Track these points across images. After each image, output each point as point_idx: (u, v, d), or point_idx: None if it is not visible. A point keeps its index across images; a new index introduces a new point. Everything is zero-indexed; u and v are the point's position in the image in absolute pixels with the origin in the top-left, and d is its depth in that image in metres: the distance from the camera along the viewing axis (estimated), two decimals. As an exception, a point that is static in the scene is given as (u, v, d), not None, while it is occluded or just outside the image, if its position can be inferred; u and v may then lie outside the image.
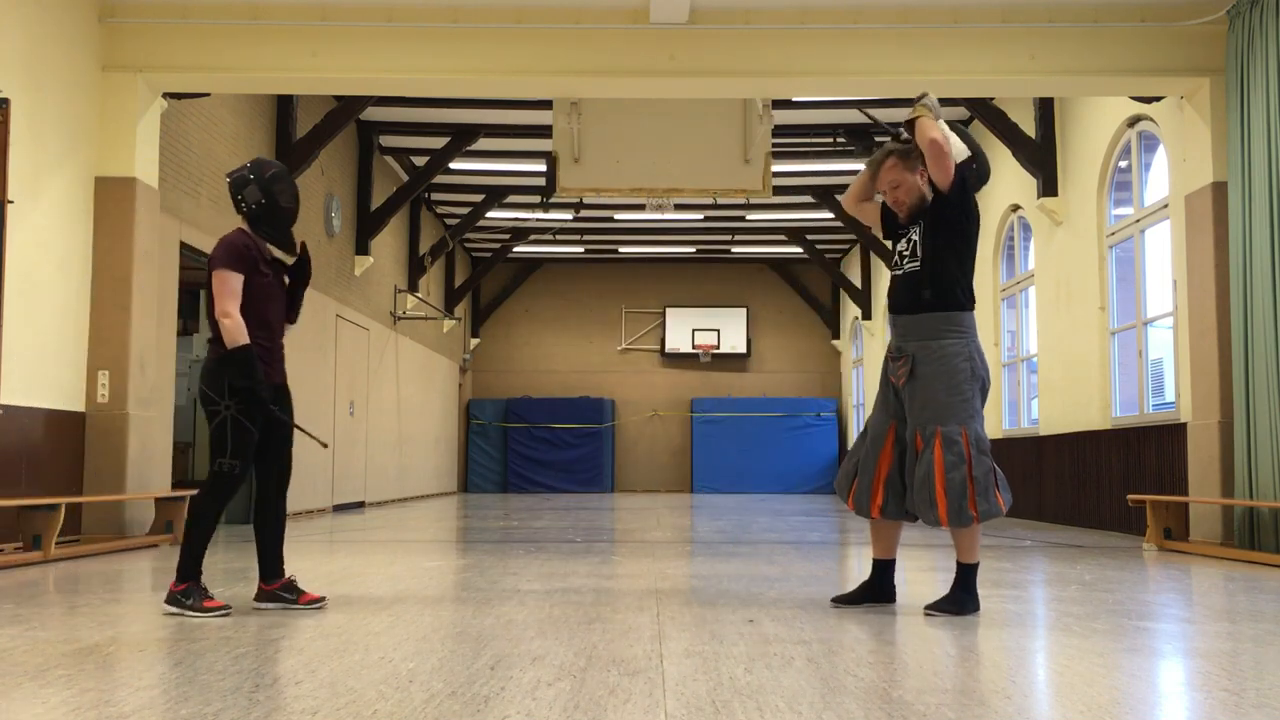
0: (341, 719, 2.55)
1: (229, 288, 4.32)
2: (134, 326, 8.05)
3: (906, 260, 4.44)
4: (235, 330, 4.27)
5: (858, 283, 20.41)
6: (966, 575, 4.34)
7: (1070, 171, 10.84)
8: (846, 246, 21.32)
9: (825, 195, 16.76)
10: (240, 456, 4.31)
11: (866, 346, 20.58)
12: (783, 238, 20.33)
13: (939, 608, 4.30)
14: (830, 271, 21.14)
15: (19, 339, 6.99)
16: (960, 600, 4.31)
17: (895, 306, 4.48)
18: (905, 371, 4.33)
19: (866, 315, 20.04)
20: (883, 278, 18.82)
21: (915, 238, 4.41)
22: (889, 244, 4.66)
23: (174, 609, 4.21)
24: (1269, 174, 7.21)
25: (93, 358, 7.93)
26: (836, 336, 23.14)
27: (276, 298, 4.52)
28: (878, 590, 4.55)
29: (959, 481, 4.14)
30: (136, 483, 8.04)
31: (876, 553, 4.57)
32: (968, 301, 4.35)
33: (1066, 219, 10.92)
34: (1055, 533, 9.65)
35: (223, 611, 4.18)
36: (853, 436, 22.29)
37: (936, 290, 4.33)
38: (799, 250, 21.00)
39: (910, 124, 4.36)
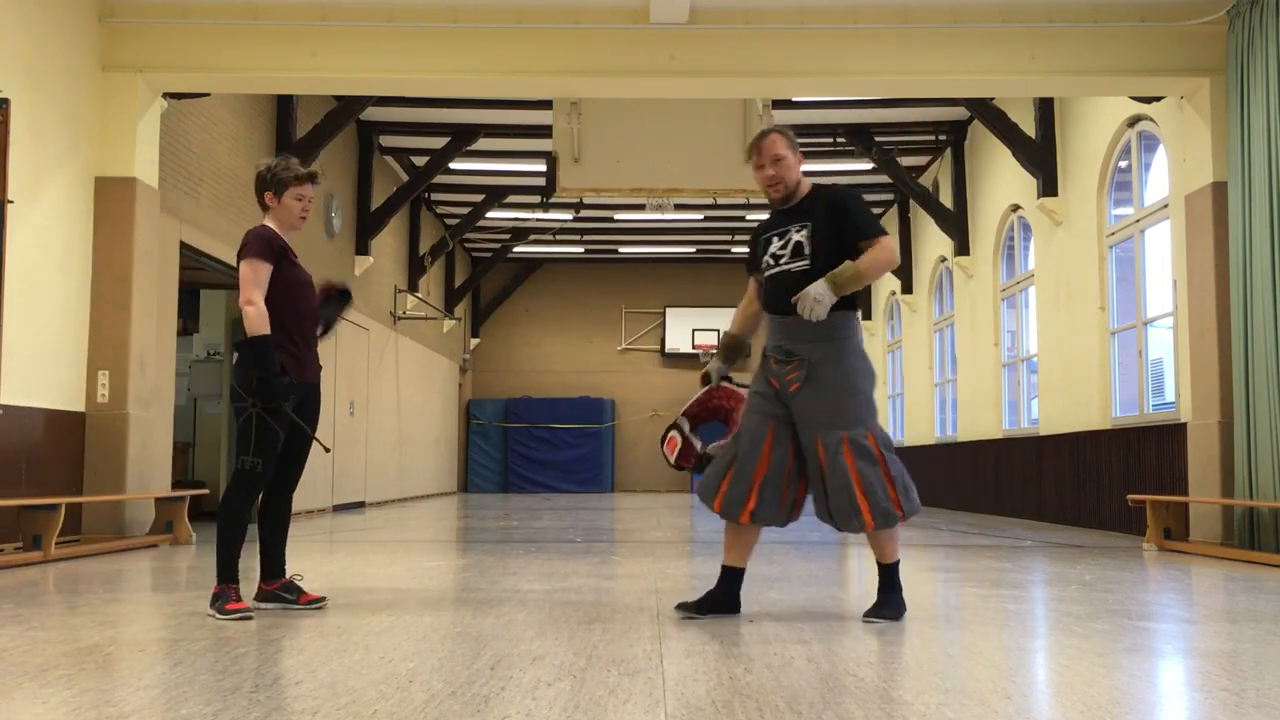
0: (341, 719, 2.55)
1: (257, 276, 4.28)
2: (134, 326, 8.05)
3: (787, 260, 4.19)
4: (257, 318, 4.23)
5: (858, 283, 20.38)
6: (893, 575, 4.23)
7: (1070, 171, 10.84)
8: (846, 246, 21.29)
9: (825, 195, 16.73)
10: (263, 455, 4.27)
11: (867, 346, 20.56)
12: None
13: (878, 615, 4.15)
14: (830, 271, 21.10)
15: (19, 339, 6.99)
16: (895, 603, 4.20)
17: (783, 307, 4.18)
18: (799, 376, 4.11)
19: (866, 315, 20.04)
20: (884, 278, 18.81)
21: (798, 237, 4.18)
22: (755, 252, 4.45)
23: (209, 611, 4.23)
24: (1269, 174, 7.21)
25: (93, 358, 7.93)
26: (836, 336, 23.11)
27: (306, 290, 4.50)
28: (724, 600, 4.28)
29: (878, 484, 4.02)
30: (136, 483, 8.04)
31: (729, 559, 4.30)
32: (858, 300, 4.24)
33: (1066, 219, 10.92)
34: (1055, 533, 9.65)
35: (242, 615, 4.13)
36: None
37: None
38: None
39: (848, 280, 4.08)
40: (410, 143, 15.00)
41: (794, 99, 12.04)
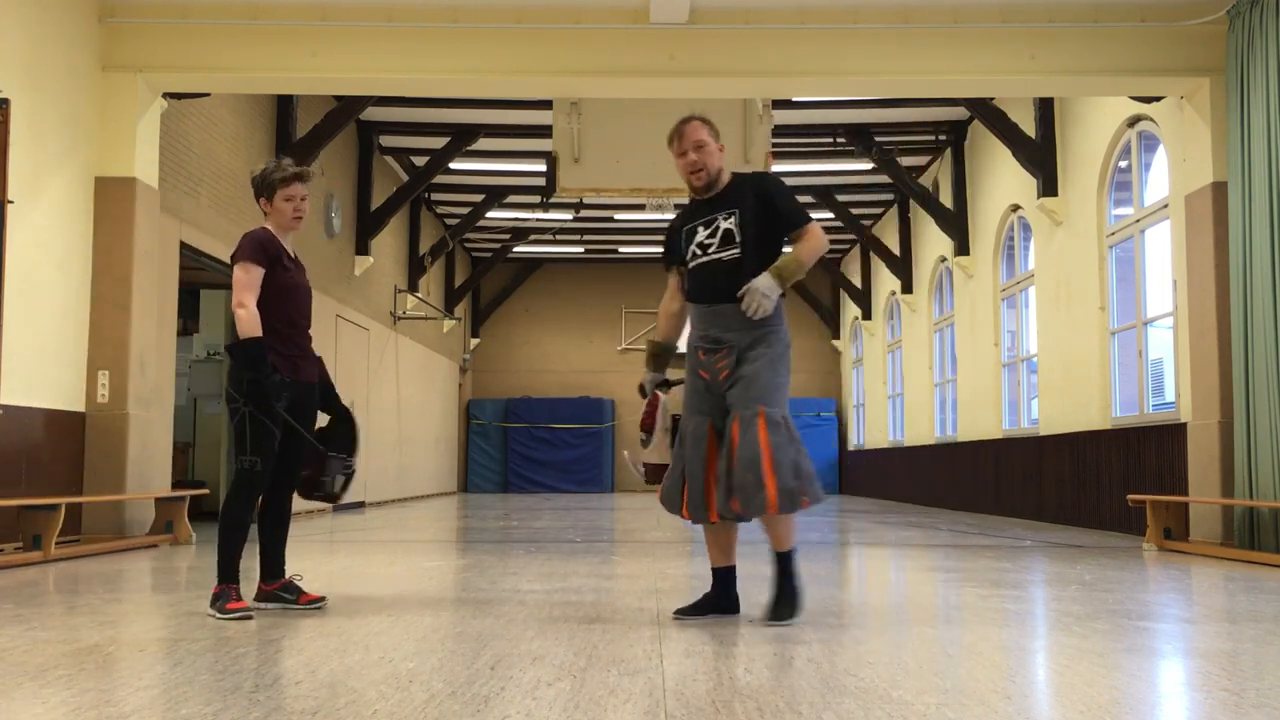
0: (341, 719, 2.55)
1: (248, 279, 4.29)
2: (134, 326, 8.05)
3: (715, 249, 4.14)
4: (248, 321, 4.24)
5: (858, 283, 20.41)
6: (790, 564, 4.12)
7: (1070, 171, 10.84)
8: (846, 247, 21.32)
9: (825, 195, 16.76)
10: (260, 453, 4.27)
11: (866, 346, 20.58)
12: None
13: (779, 615, 4.04)
14: (830, 271, 21.14)
15: (19, 339, 6.99)
16: (793, 594, 4.09)
17: (713, 296, 4.12)
18: (730, 363, 4.06)
19: (866, 315, 20.04)
20: (884, 278, 18.82)
21: (726, 225, 4.13)
22: (674, 249, 4.34)
23: (210, 611, 4.23)
24: (1269, 174, 7.21)
25: (93, 358, 7.93)
26: (836, 336, 23.14)
27: (302, 294, 4.49)
28: (722, 601, 4.26)
29: (790, 462, 3.90)
30: (136, 483, 8.04)
31: (716, 560, 4.29)
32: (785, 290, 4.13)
33: (1066, 219, 10.92)
34: (1055, 533, 9.65)
35: (241, 614, 4.12)
36: (853, 436, 22.30)
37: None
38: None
39: (789, 273, 4.07)
40: (410, 143, 15.00)
41: (794, 99, 12.04)
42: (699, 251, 4.22)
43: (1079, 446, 10.52)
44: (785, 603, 4.09)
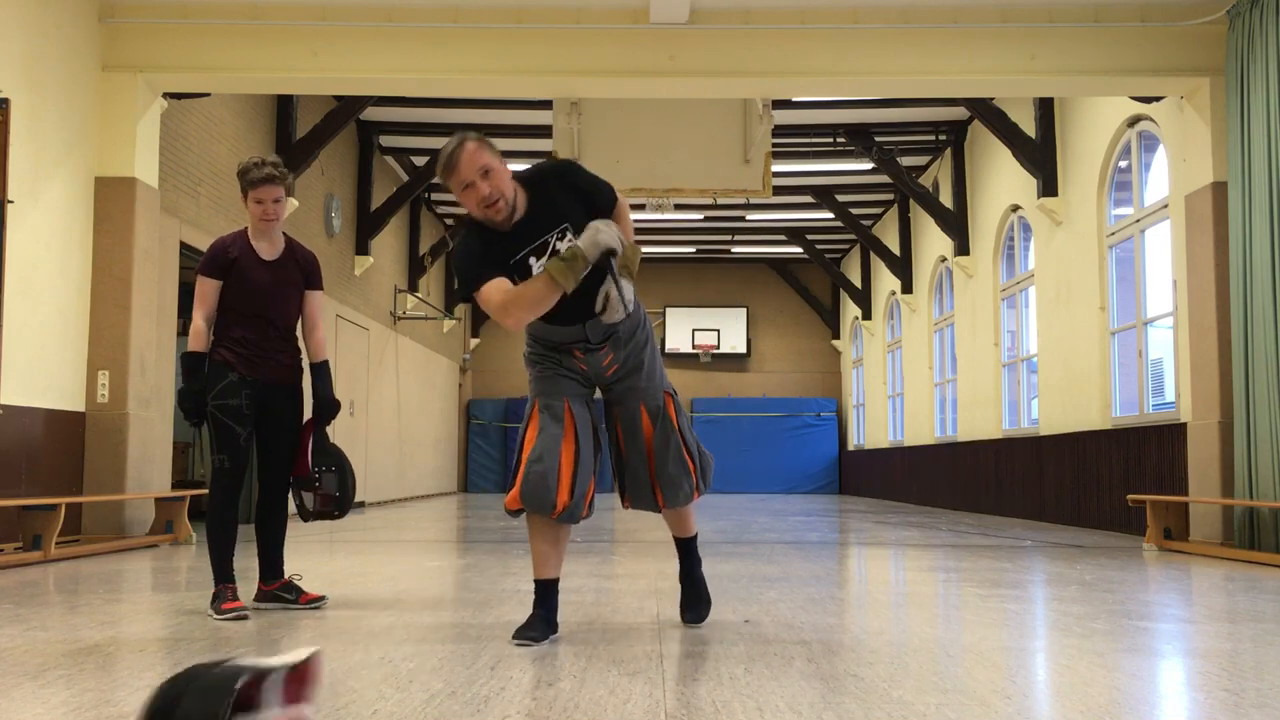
0: (341, 719, 2.55)
1: (200, 292, 4.37)
2: (134, 326, 8.06)
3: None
4: (191, 336, 4.35)
5: (858, 283, 20.41)
6: (694, 546, 4.03)
7: (1070, 171, 10.84)
8: (846, 246, 21.33)
9: (825, 195, 16.76)
10: (225, 450, 4.31)
11: (866, 346, 20.58)
12: (783, 238, 20.34)
13: (699, 614, 3.96)
14: (830, 271, 21.14)
15: (19, 339, 6.99)
16: (702, 582, 4.01)
17: (575, 316, 3.63)
18: (617, 356, 3.72)
19: (866, 315, 20.04)
20: (884, 278, 18.82)
21: (561, 246, 3.59)
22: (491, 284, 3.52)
23: (209, 610, 4.26)
24: (1269, 174, 7.21)
25: (93, 358, 7.93)
26: (836, 336, 23.15)
27: (270, 294, 4.43)
28: (553, 618, 3.76)
29: (696, 445, 3.85)
30: (136, 483, 8.04)
31: (549, 571, 3.77)
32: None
33: (1066, 219, 10.92)
34: (1055, 533, 9.65)
35: (235, 614, 4.12)
36: (853, 436, 22.30)
37: None
38: (799, 250, 21.02)
39: (631, 258, 3.64)
40: (410, 143, 15.00)
41: (794, 99, 12.04)
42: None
43: (1079, 446, 10.53)
44: (705, 600, 4.02)
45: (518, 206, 3.60)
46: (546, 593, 3.74)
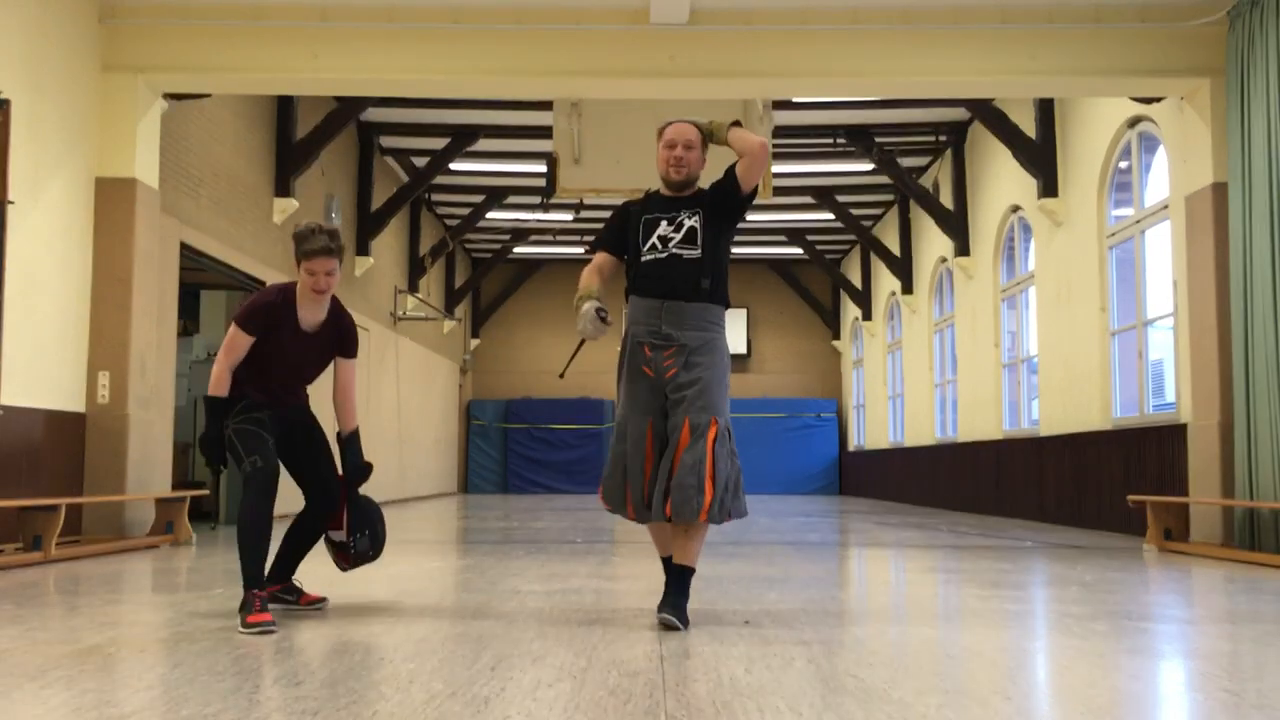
0: (341, 719, 2.55)
1: (231, 340, 4.23)
2: (134, 326, 8.05)
3: (675, 244, 4.15)
4: (214, 380, 4.23)
5: (858, 283, 20.41)
6: (688, 580, 4.09)
7: (1070, 172, 10.84)
8: (846, 247, 21.32)
9: (825, 195, 16.76)
10: (254, 452, 4.14)
11: (867, 347, 20.58)
12: (783, 238, 20.33)
13: (677, 616, 3.95)
14: (830, 272, 21.14)
15: (19, 339, 6.99)
16: (684, 608, 4.01)
17: (665, 291, 4.12)
18: (678, 363, 4.07)
19: (867, 316, 20.04)
20: (884, 279, 18.82)
21: (691, 223, 4.17)
22: (632, 238, 4.28)
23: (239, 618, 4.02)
24: (1269, 174, 7.21)
25: (93, 358, 7.93)
26: (837, 337, 23.14)
27: (293, 360, 4.32)
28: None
29: (727, 477, 3.96)
30: (136, 483, 8.03)
31: (665, 550, 4.28)
32: (728, 298, 4.25)
33: (1067, 220, 10.92)
34: (1055, 533, 9.65)
35: (261, 629, 3.82)
36: (853, 437, 22.30)
37: (715, 281, 4.14)
38: (799, 251, 21.01)
39: (718, 129, 4.24)
40: (410, 143, 15.01)
41: (794, 99, 12.04)
42: (659, 244, 4.19)
43: (1079, 447, 10.52)
44: (681, 613, 3.98)
45: (690, 189, 4.28)
46: (668, 568, 4.22)
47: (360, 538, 4.49)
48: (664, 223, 4.21)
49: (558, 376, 4.44)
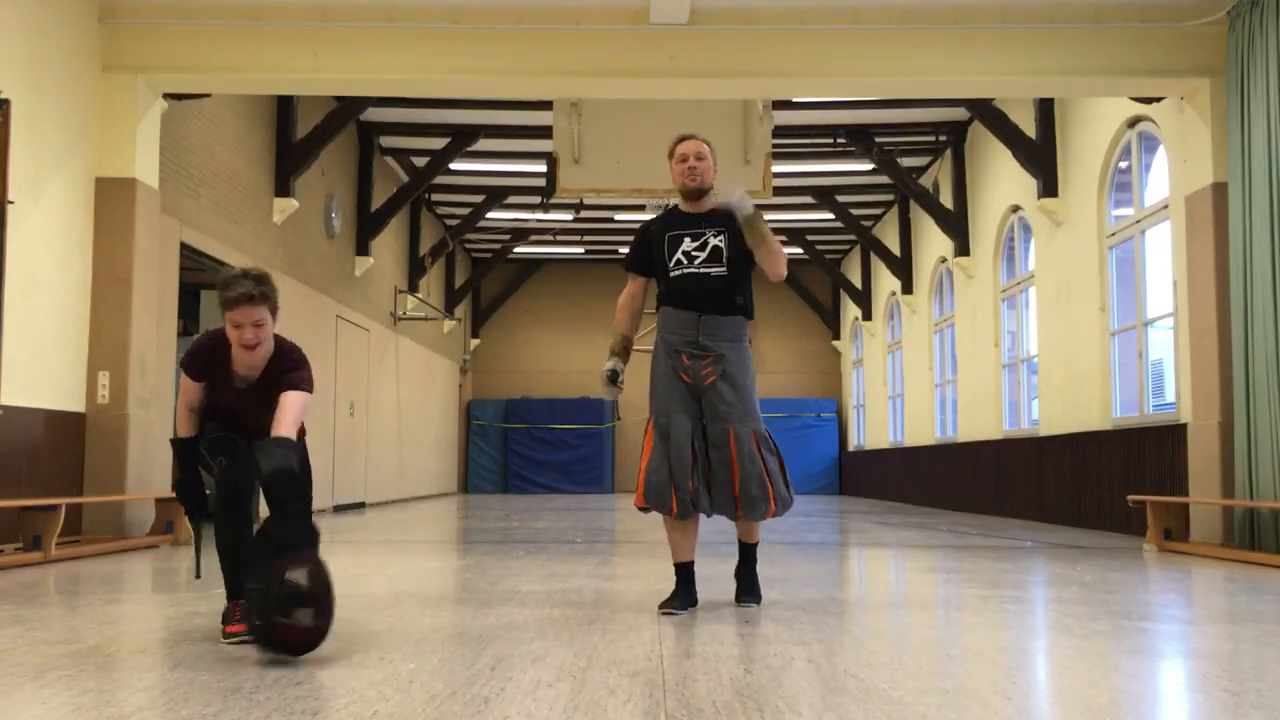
0: (341, 719, 2.55)
1: (182, 384, 3.88)
2: (134, 326, 8.06)
3: (703, 262, 4.40)
4: (178, 421, 3.92)
5: (858, 283, 20.41)
6: (755, 554, 4.72)
7: (1070, 172, 10.84)
8: (846, 247, 21.33)
9: (825, 196, 16.76)
10: (225, 454, 3.82)
11: (867, 347, 20.58)
12: (783, 238, 20.27)
13: (752, 598, 4.62)
14: (830, 272, 21.14)
15: (19, 339, 6.99)
16: (756, 580, 4.70)
17: (702, 305, 4.39)
18: (716, 371, 4.37)
19: (867, 316, 20.04)
20: (884, 279, 18.82)
21: (716, 242, 4.41)
22: (659, 255, 4.49)
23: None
24: (1269, 174, 7.21)
25: (93, 358, 7.93)
26: (837, 337, 23.14)
27: (244, 413, 3.86)
28: (693, 594, 4.52)
29: (779, 474, 4.42)
30: (136, 483, 8.04)
31: (685, 555, 4.53)
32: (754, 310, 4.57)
33: (1067, 220, 10.92)
34: (1056, 533, 9.65)
35: (237, 639, 3.60)
36: (853, 437, 22.30)
37: (745, 297, 4.47)
38: (799, 251, 21.00)
39: (758, 222, 4.36)
40: (410, 143, 15.00)
41: (794, 99, 12.04)
42: (685, 260, 4.43)
43: (1079, 447, 10.52)
44: (753, 593, 4.65)
45: (705, 200, 4.50)
46: (684, 573, 4.50)
47: (254, 595, 3.36)
48: (688, 239, 4.45)
49: (615, 419, 4.78)
